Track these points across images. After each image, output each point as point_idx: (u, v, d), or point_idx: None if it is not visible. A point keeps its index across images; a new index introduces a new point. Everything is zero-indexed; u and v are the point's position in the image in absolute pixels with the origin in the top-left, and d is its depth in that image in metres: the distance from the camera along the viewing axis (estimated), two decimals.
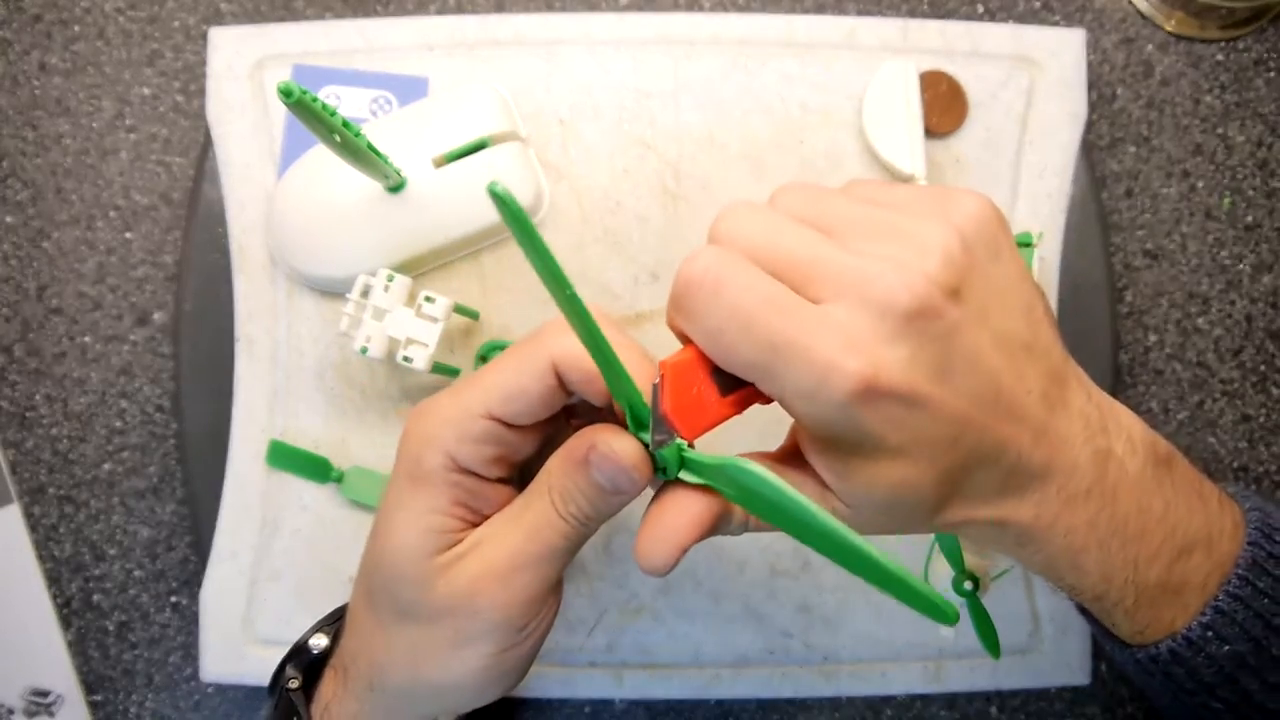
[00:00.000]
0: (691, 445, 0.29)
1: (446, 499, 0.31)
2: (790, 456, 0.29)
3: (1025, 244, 0.45)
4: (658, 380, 0.27)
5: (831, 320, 0.25)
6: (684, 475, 0.29)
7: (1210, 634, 0.29)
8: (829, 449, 0.27)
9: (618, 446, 0.28)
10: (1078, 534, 0.29)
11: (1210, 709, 0.31)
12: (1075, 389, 0.29)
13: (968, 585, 0.40)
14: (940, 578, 0.43)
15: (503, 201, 0.22)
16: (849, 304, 0.25)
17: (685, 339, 0.28)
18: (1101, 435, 0.29)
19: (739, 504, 0.28)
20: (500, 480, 0.32)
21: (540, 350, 0.30)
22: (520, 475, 0.33)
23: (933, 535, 0.44)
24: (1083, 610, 0.34)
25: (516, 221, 0.23)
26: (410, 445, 0.31)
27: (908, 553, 0.46)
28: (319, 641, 0.37)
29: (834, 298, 0.25)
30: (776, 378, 0.26)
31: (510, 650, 0.31)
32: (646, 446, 0.29)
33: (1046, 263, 0.47)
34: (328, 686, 0.35)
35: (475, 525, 0.31)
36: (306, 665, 0.37)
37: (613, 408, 0.30)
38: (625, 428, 0.29)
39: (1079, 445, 0.28)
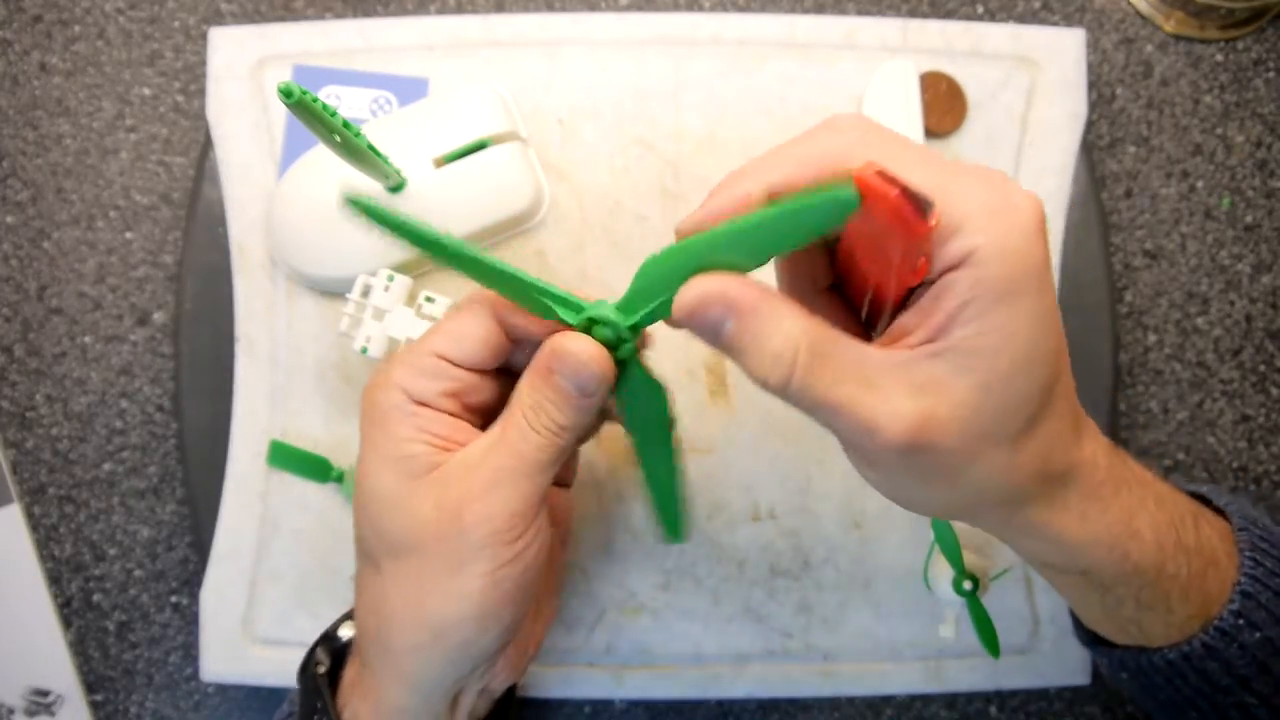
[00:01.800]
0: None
1: (412, 427, 0.31)
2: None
3: None
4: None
5: (986, 180, 0.25)
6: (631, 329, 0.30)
7: (1242, 621, 0.29)
8: (979, 300, 0.25)
9: (574, 346, 0.29)
10: (1127, 486, 0.28)
11: (1243, 705, 0.30)
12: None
13: (967, 585, 0.40)
14: (940, 579, 0.43)
15: (355, 205, 0.26)
16: (987, 186, 0.25)
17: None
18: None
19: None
20: (458, 417, 0.32)
21: (482, 293, 0.31)
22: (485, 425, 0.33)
23: (932, 537, 0.44)
24: (1094, 641, 0.34)
25: (372, 214, 0.28)
26: (369, 397, 0.32)
27: (910, 557, 0.46)
28: (347, 631, 0.38)
29: (967, 183, 0.25)
30: (955, 199, 0.25)
31: (504, 568, 0.31)
32: (605, 344, 0.30)
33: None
34: (349, 672, 0.35)
35: (447, 450, 0.32)
36: (334, 652, 0.37)
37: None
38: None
39: (1090, 428, 0.29)
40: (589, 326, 0.30)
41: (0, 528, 0.49)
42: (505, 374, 0.33)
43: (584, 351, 0.30)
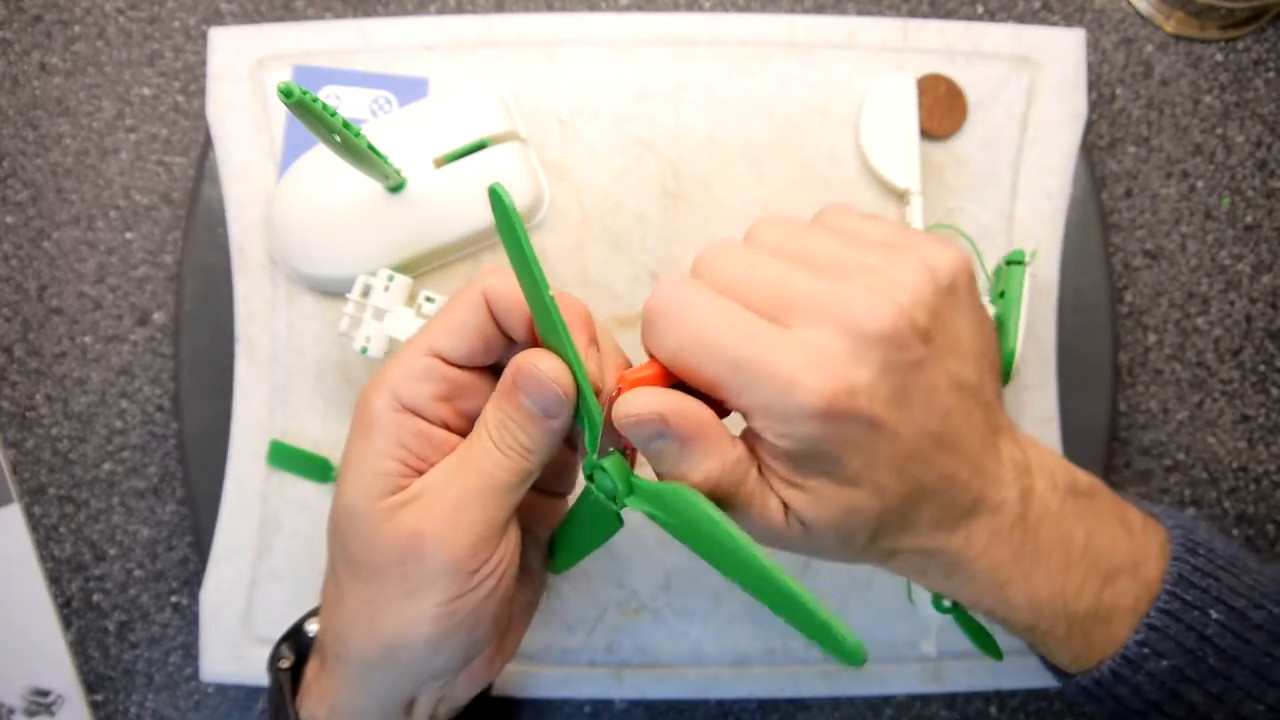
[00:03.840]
0: (633, 463, 0.30)
1: (392, 440, 0.31)
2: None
3: (1018, 262, 0.45)
4: (615, 392, 0.28)
5: (800, 340, 0.27)
6: (630, 501, 0.29)
7: (1147, 650, 0.30)
8: (789, 466, 0.28)
9: (542, 364, 0.29)
10: (1003, 567, 0.30)
11: None
12: (1005, 436, 0.31)
13: (946, 602, 0.40)
14: (923, 595, 0.43)
15: (499, 201, 0.25)
16: (819, 326, 0.27)
17: (653, 359, 0.29)
18: (1026, 476, 0.30)
19: (674, 533, 0.29)
20: (448, 428, 0.32)
21: (474, 286, 0.31)
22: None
23: None
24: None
25: (509, 224, 0.26)
26: (363, 398, 0.32)
27: (878, 594, 0.46)
28: (314, 626, 0.37)
29: (805, 322, 0.27)
30: (739, 393, 0.27)
31: (461, 599, 0.30)
32: (599, 472, 0.30)
33: (1046, 264, 0.47)
34: (310, 669, 0.36)
35: (420, 472, 0.31)
36: (299, 648, 0.37)
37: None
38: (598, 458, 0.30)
39: (1007, 484, 0.30)
40: (598, 466, 0.30)
41: (0, 528, 0.49)
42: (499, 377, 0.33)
43: (549, 370, 0.29)
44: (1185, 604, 0.30)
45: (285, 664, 0.36)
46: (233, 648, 0.46)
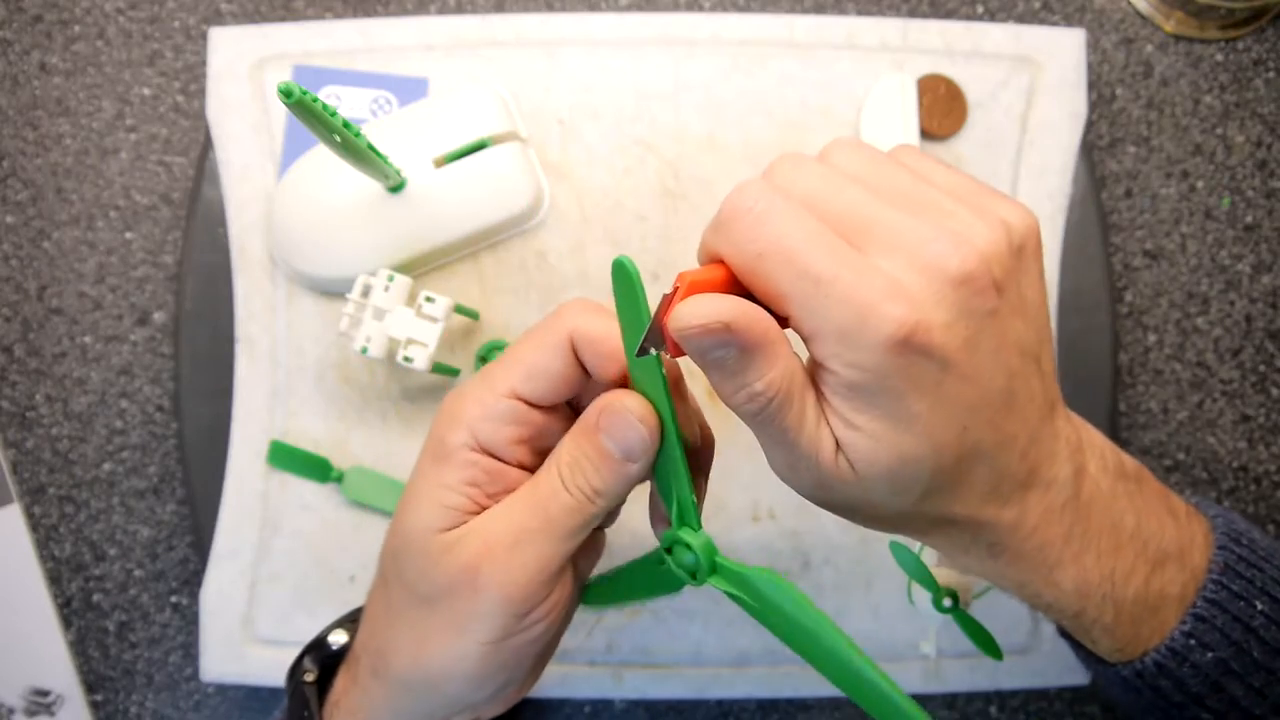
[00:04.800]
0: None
1: (463, 477, 0.30)
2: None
3: None
4: (671, 292, 0.26)
5: (880, 269, 0.25)
6: (713, 581, 0.29)
7: (1193, 641, 0.30)
8: (850, 400, 0.26)
9: (630, 404, 0.28)
10: (1054, 547, 0.29)
11: None
12: (1060, 410, 0.30)
13: (946, 602, 0.40)
14: (923, 596, 0.42)
15: (625, 273, 0.26)
16: (899, 259, 0.25)
17: (717, 262, 0.27)
18: (1079, 453, 0.30)
19: (757, 616, 0.28)
20: (523, 467, 0.32)
21: (559, 325, 0.30)
22: None
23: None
24: (1064, 634, 0.34)
25: (631, 292, 0.26)
26: (438, 425, 0.31)
27: (878, 594, 0.46)
28: (338, 639, 0.37)
29: (885, 252, 0.25)
30: (813, 313, 0.25)
31: (510, 640, 0.30)
32: (678, 542, 0.29)
33: (1046, 265, 0.47)
34: (340, 682, 0.35)
35: (486, 508, 0.31)
36: (324, 660, 0.37)
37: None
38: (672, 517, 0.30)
39: (1062, 460, 0.29)
40: (678, 542, 0.29)
41: (0, 528, 0.49)
42: (576, 411, 0.32)
43: (636, 410, 0.28)
44: (1232, 594, 0.30)
45: (310, 677, 0.36)
46: (233, 648, 0.46)
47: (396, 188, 0.44)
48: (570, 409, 0.32)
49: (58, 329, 0.50)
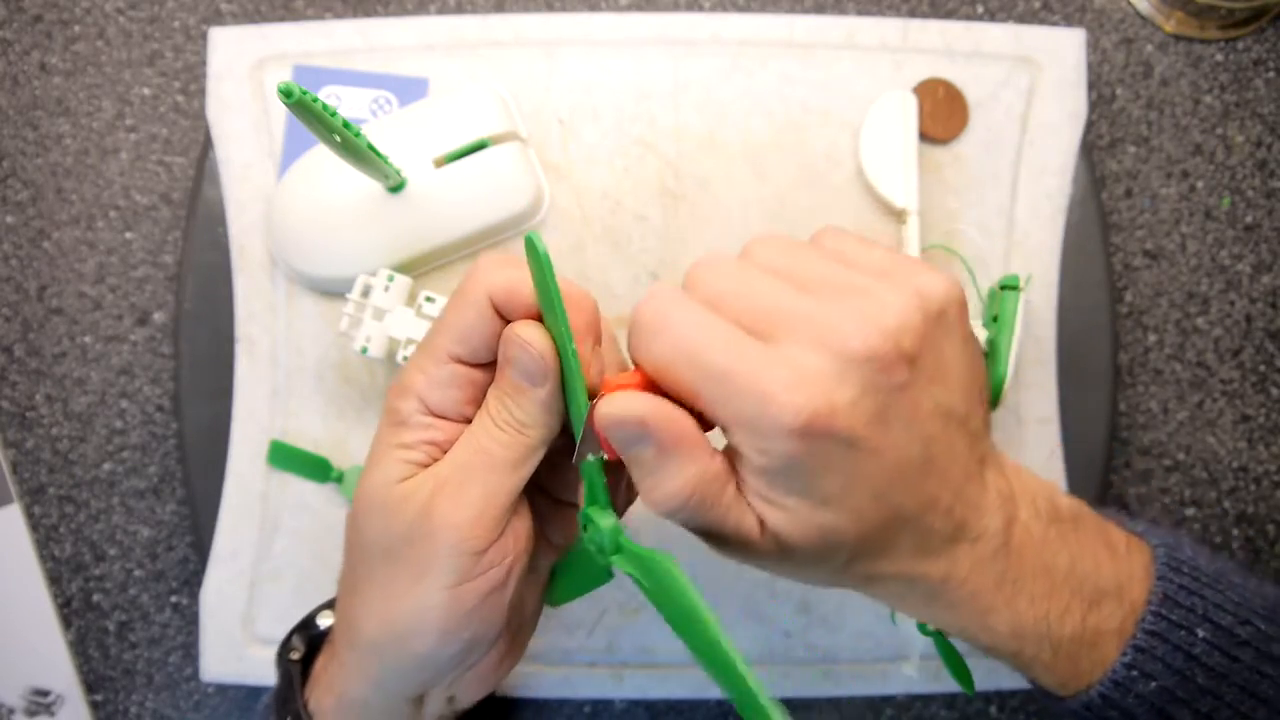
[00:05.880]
0: (612, 461, 0.30)
1: (420, 437, 0.31)
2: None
3: (1012, 287, 0.44)
4: (597, 398, 0.29)
5: (784, 358, 0.27)
6: (616, 561, 0.30)
7: (1135, 672, 0.30)
8: (767, 483, 0.28)
9: (521, 331, 0.30)
10: (985, 594, 0.30)
11: None
12: (991, 465, 0.31)
13: (931, 626, 0.40)
14: (907, 620, 0.42)
15: (533, 249, 0.27)
16: (804, 345, 0.27)
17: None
18: (1010, 503, 0.30)
19: (651, 598, 0.29)
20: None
21: (476, 285, 0.31)
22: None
23: None
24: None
25: (542, 266, 0.28)
26: (389, 399, 0.32)
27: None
28: (325, 620, 0.38)
29: (790, 340, 0.27)
30: (721, 406, 0.27)
31: (470, 584, 0.31)
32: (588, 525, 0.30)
33: (1046, 266, 0.47)
34: (320, 660, 0.36)
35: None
36: (310, 640, 0.37)
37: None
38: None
39: (991, 512, 0.30)
40: (590, 520, 0.30)
41: (0, 528, 0.49)
42: None
43: (527, 334, 0.30)
44: (1171, 624, 0.30)
45: (295, 655, 0.36)
46: (233, 648, 0.46)
47: (396, 188, 0.44)
48: None
49: (58, 329, 0.50)
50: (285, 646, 0.37)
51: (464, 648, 0.32)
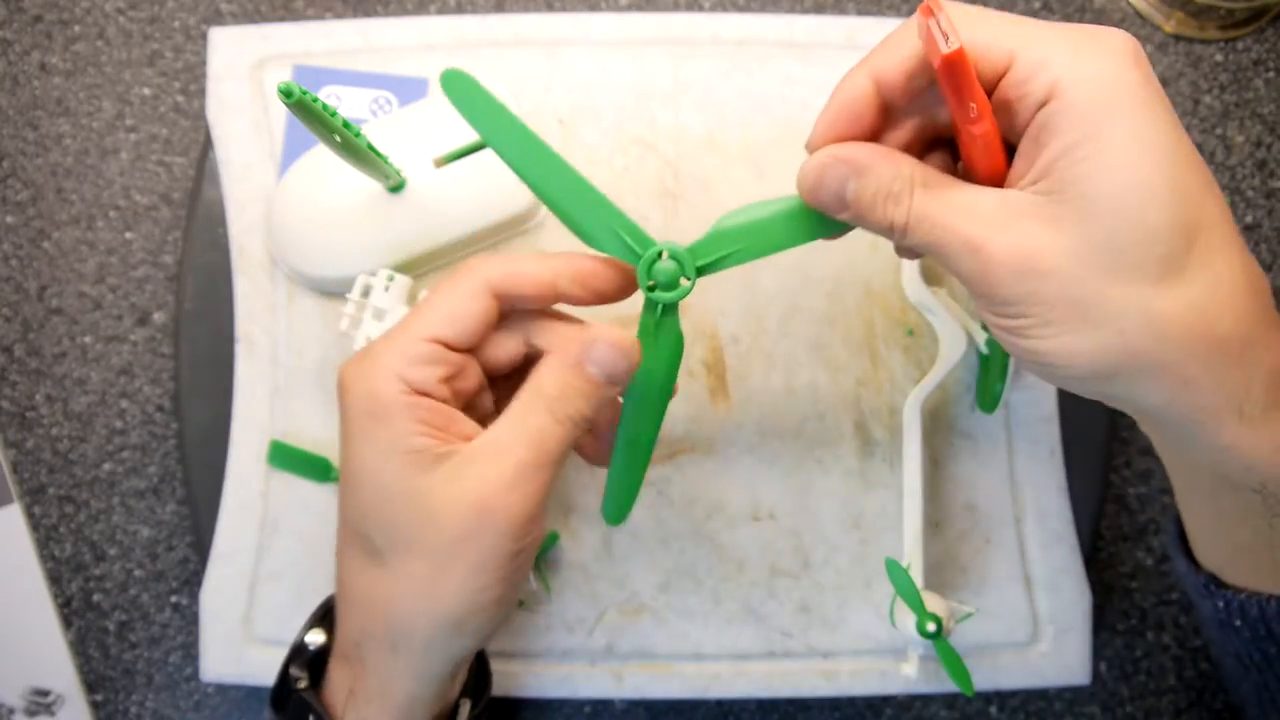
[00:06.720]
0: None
1: (414, 419, 0.31)
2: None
3: None
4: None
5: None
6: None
7: None
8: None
9: (613, 335, 0.31)
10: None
11: None
12: None
13: (930, 627, 0.40)
14: (905, 619, 0.42)
15: (459, 82, 0.29)
16: None
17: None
18: None
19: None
20: (453, 405, 0.33)
21: (475, 275, 0.32)
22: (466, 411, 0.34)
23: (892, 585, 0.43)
24: (1181, 549, 0.33)
25: (476, 98, 0.30)
26: (358, 386, 0.32)
27: (878, 594, 0.46)
28: (316, 638, 0.37)
29: None
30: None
31: (519, 559, 0.31)
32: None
33: None
34: (340, 676, 0.34)
35: (448, 444, 0.32)
36: (309, 663, 0.36)
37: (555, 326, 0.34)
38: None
39: None
40: (655, 258, 0.31)
41: (0, 528, 0.49)
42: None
43: (624, 340, 0.31)
44: None
45: (303, 684, 0.35)
46: (233, 648, 0.46)
47: (396, 188, 0.44)
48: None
49: (58, 329, 0.50)
50: (286, 680, 0.36)
51: (506, 614, 0.33)
